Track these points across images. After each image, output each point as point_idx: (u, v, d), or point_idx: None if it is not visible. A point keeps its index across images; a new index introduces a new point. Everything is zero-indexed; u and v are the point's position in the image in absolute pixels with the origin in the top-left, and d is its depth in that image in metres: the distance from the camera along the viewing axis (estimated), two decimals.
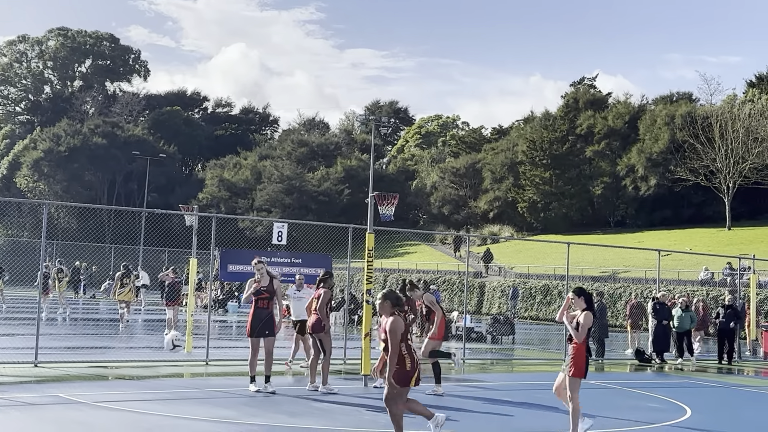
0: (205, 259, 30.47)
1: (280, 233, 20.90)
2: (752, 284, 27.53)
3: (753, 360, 25.87)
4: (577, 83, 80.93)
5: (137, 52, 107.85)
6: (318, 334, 13.74)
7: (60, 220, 75.07)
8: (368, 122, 44.96)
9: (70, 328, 25.31)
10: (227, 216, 32.48)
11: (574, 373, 10.21)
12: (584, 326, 10.25)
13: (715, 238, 53.31)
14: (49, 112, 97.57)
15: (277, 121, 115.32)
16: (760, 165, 54.69)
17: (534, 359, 23.55)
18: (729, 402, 15.70)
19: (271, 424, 10.88)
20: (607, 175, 67.41)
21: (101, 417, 10.90)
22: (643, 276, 41.99)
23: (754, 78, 67.31)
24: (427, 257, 62.69)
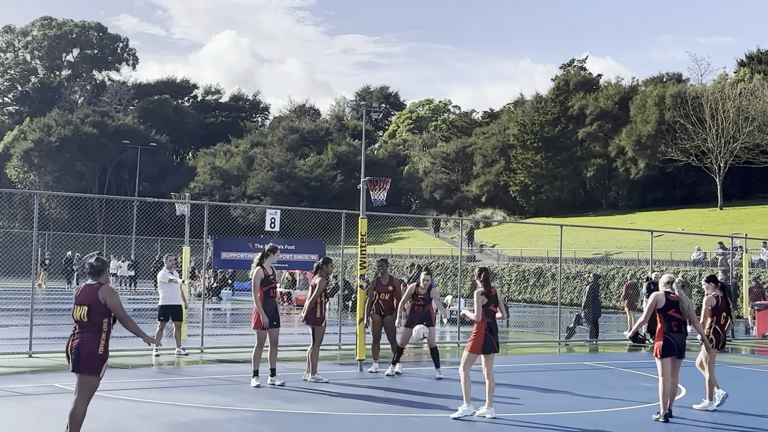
0: (198, 247, 30.44)
1: (273, 220, 20.84)
2: (744, 263, 27.64)
3: (746, 339, 25.99)
4: (567, 65, 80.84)
5: (125, 40, 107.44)
6: (312, 325, 13.60)
7: (51, 211, 74.86)
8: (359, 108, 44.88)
9: (65, 318, 25.26)
10: (219, 204, 32.39)
11: (468, 348, 10.75)
12: (476, 304, 10.75)
13: (707, 218, 53.46)
14: (37, 102, 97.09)
15: (267, 108, 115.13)
16: (751, 144, 54.77)
17: (528, 341, 23.62)
18: (723, 380, 15.76)
19: (267, 410, 10.88)
20: (598, 157, 67.49)
21: (96, 406, 10.87)
22: (636, 257, 42.09)
23: (744, 57, 67.35)
24: (420, 242, 62.75)
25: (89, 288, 8.20)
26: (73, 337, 8.17)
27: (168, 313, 16.48)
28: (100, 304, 8.09)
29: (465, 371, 10.73)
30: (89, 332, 8.08)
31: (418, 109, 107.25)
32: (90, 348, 8.06)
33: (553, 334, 24.11)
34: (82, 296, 8.18)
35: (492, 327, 10.75)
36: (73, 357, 8.09)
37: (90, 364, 8.08)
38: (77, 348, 8.07)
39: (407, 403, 11.72)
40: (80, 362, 8.06)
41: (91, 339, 8.06)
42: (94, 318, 8.08)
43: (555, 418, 10.88)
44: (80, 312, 8.14)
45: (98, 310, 8.09)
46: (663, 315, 11.06)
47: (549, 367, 17.23)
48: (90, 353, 8.05)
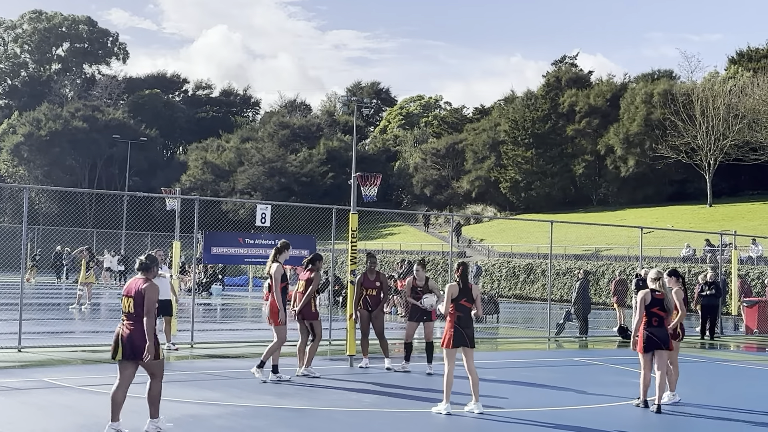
0: (189, 242, 30.41)
1: (264, 215, 20.83)
2: (734, 260, 27.75)
3: (735, 335, 26.12)
4: (559, 62, 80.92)
5: (115, 34, 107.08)
6: (309, 320, 13.62)
7: (41, 205, 74.59)
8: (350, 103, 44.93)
9: (54, 313, 25.21)
10: (210, 199, 32.28)
11: (441, 344, 11.01)
12: (445, 296, 10.92)
13: (697, 215, 53.65)
14: (26, 96, 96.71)
15: (258, 104, 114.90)
16: (741, 141, 54.92)
17: (518, 337, 23.68)
18: (712, 376, 15.85)
19: (258, 405, 10.88)
20: (588, 154, 67.60)
21: (86, 400, 10.87)
22: (625, 253, 42.22)
23: (735, 55, 67.54)
24: (410, 238, 62.76)
25: (136, 282, 8.86)
26: (123, 327, 8.77)
27: (158, 308, 16.45)
28: (141, 296, 8.72)
29: (447, 368, 10.76)
30: (138, 322, 8.70)
31: (409, 105, 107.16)
32: (141, 337, 8.66)
33: (542, 330, 24.16)
34: (129, 289, 8.85)
35: (462, 321, 10.76)
36: (127, 347, 8.69)
37: (141, 353, 8.66)
38: (129, 338, 8.70)
39: (397, 399, 11.74)
40: (135, 351, 8.66)
41: (141, 328, 8.67)
42: (139, 309, 8.71)
43: (543, 413, 10.92)
44: (127, 303, 8.79)
45: (141, 302, 8.72)
46: (646, 311, 11.53)
47: (538, 363, 17.28)
48: (142, 342, 8.64)
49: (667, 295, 11.65)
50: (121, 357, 8.74)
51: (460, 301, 10.81)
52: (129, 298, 8.78)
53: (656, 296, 11.53)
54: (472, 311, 10.92)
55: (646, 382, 11.52)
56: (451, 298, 10.81)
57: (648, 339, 11.43)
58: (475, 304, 10.97)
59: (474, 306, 10.94)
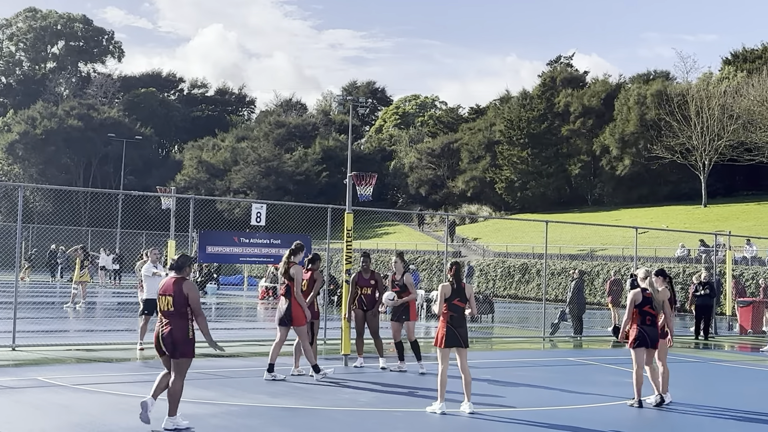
0: (184, 241, 30.38)
1: (259, 214, 20.81)
2: (728, 261, 27.81)
3: (729, 335, 26.17)
4: (554, 62, 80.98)
5: (111, 32, 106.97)
6: (311, 320, 13.64)
7: (36, 204, 74.48)
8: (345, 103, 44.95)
9: (48, 312, 25.17)
10: (205, 198, 32.34)
11: (434, 343, 11.05)
12: (438, 296, 10.93)
13: (692, 215, 53.74)
14: (21, 94, 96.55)
15: (253, 102, 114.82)
16: (736, 142, 55.03)
17: (513, 337, 23.70)
18: (706, 376, 15.89)
19: (252, 405, 10.88)
20: (584, 154, 67.67)
21: (81, 399, 10.86)
22: (620, 253, 42.28)
23: (729, 55, 67.67)
24: (405, 237, 62.76)
25: (173, 281, 9.18)
26: (162, 326, 9.16)
27: (152, 307, 16.42)
28: (182, 295, 9.07)
29: (440, 367, 10.78)
30: (177, 320, 9.11)
31: (404, 105, 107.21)
32: (181, 334, 9.10)
33: (537, 329, 24.19)
34: (167, 288, 9.18)
35: (455, 321, 10.75)
36: (168, 344, 9.11)
37: (184, 348, 9.15)
38: (169, 335, 9.11)
39: (392, 398, 11.75)
40: (176, 348, 9.10)
41: (179, 326, 9.10)
42: (178, 307, 9.09)
43: (538, 413, 10.93)
44: (165, 302, 9.15)
45: (181, 300, 9.08)
46: (639, 310, 11.72)
47: (533, 362, 17.30)
48: (182, 339, 9.11)
49: (655, 294, 11.75)
50: (163, 353, 9.23)
51: (453, 301, 10.80)
52: (168, 296, 9.13)
53: (646, 295, 11.70)
54: (465, 311, 10.91)
55: (640, 380, 11.60)
56: (444, 298, 10.81)
57: (640, 336, 11.60)
58: (469, 304, 10.96)
59: (468, 305, 10.94)
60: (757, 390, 14.26)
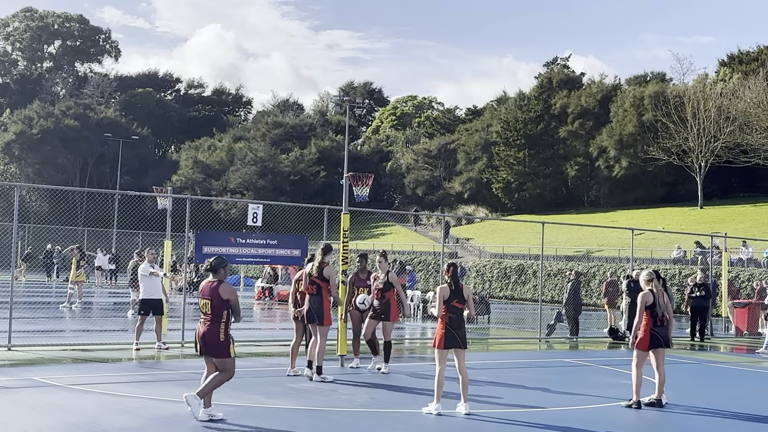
0: (180, 241, 30.35)
1: (255, 215, 20.82)
2: (724, 262, 27.84)
3: (724, 336, 26.20)
4: (551, 63, 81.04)
5: (107, 32, 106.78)
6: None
7: (32, 203, 74.35)
8: (342, 103, 45.04)
9: (44, 311, 25.14)
10: (201, 198, 32.35)
11: (432, 344, 11.08)
12: (437, 298, 10.90)
13: (688, 217, 53.80)
14: (18, 93, 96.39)
15: (250, 103, 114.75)
16: (732, 144, 55.10)
17: (509, 338, 23.71)
18: (701, 378, 15.92)
19: (247, 405, 10.88)
20: (580, 155, 67.74)
21: (76, 399, 10.85)
22: (616, 255, 42.31)
23: (726, 57, 67.77)
24: (402, 238, 62.75)
25: (210, 284, 9.78)
26: (200, 325, 9.80)
27: (148, 307, 16.42)
28: (220, 298, 9.63)
29: (438, 368, 10.78)
30: (212, 322, 9.67)
31: (401, 105, 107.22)
32: (213, 335, 9.66)
33: (533, 331, 24.21)
34: (205, 291, 9.78)
35: (454, 322, 10.75)
36: (201, 344, 9.77)
37: (216, 350, 9.69)
38: (203, 336, 9.73)
39: (388, 399, 11.75)
40: (208, 348, 9.73)
41: (213, 328, 9.67)
42: (215, 310, 9.65)
43: (533, 414, 10.94)
44: (204, 304, 9.76)
45: (218, 303, 9.64)
46: (650, 311, 11.75)
47: (529, 363, 17.32)
48: (213, 340, 9.65)
49: (660, 296, 11.78)
50: (200, 353, 9.85)
51: (451, 303, 10.79)
52: (206, 299, 9.72)
53: (655, 296, 11.78)
54: (464, 312, 10.91)
55: (639, 381, 11.64)
56: (443, 300, 10.81)
57: (653, 338, 11.68)
58: (467, 305, 10.95)
59: (466, 307, 10.94)
60: (753, 391, 14.29)
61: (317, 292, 13.18)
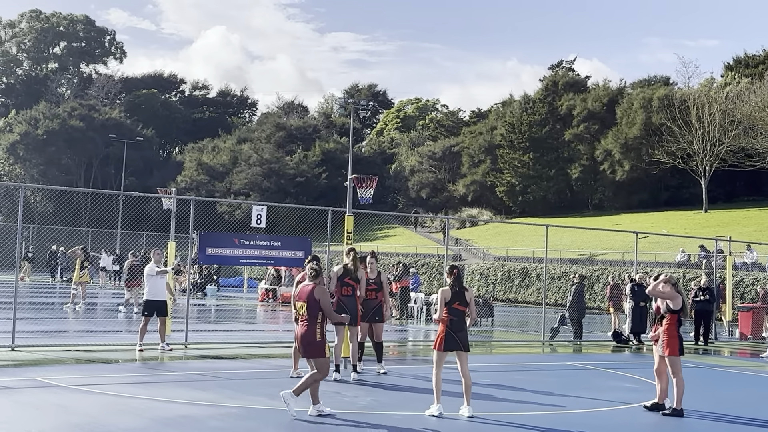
0: (184, 242, 30.37)
1: (259, 216, 20.81)
2: (728, 266, 27.79)
3: (728, 340, 26.14)
4: (556, 66, 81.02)
5: (112, 33, 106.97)
6: None
7: (36, 204, 74.48)
8: (347, 105, 44.80)
9: (48, 312, 25.17)
10: (206, 199, 32.28)
11: (433, 346, 11.08)
12: (438, 300, 11.03)
13: (692, 221, 53.72)
14: (23, 94, 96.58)
15: (255, 104, 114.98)
16: (737, 148, 55.04)
17: (513, 341, 23.67)
18: (705, 382, 15.88)
19: (250, 407, 10.88)
20: (585, 158, 67.68)
21: (80, 400, 10.85)
22: (620, 258, 42.26)
23: (731, 61, 67.70)
24: (406, 240, 62.76)
25: (307, 288, 10.38)
26: (300, 327, 10.36)
27: (153, 308, 16.42)
28: (314, 300, 10.21)
29: (435, 370, 10.78)
30: (308, 323, 10.22)
31: (406, 108, 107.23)
32: (310, 336, 10.21)
33: (537, 334, 24.18)
34: (301, 294, 10.38)
35: (455, 325, 10.72)
36: (301, 345, 10.36)
37: (313, 350, 10.23)
38: (302, 338, 10.30)
39: (391, 401, 11.74)
40: (306, 349, 10.29)
41: (310, 329, 10.22)
42: (310, 311, 10.21)
43: (536, 417, 10.92)
44: (300, 306, 10.36)
45: (313, 305, 10.21)
46: (678, 316, 11.72)
47: (532, 366, 17.29)
48: (311, 341, 10.20)
49: (685, 299, 11.89)
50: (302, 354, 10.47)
51: (453, 305, 10.77)
52: (302, 302, 10.30)
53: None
54: (466, 315, 10.88)
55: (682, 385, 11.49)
56: (445, 302, 10.79)
57: (680, 342, 11.62)
58: (469, 308, 10.92)
59: (468, 309, 10.92)
60: (757, 395, 14.25)
61: (352, 293, 13.61)
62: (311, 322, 10.19)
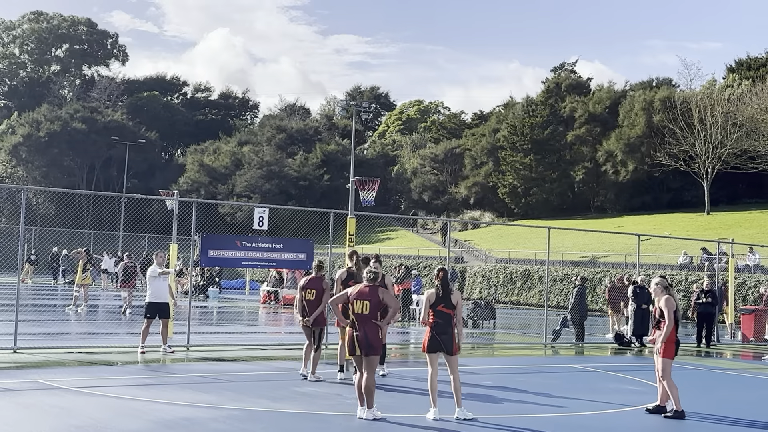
0: (186, 244, 30.38)
1: (261, 218, 20.81)
2: (731, 268, 27.76)
3: (731, 343, 26.12)
4: (558, 68, 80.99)
5: (114, 35, 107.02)
6: (320, 326, 13.73)
7: (38, 206, 74.53)
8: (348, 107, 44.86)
9: (50, 314, 25.20)
10: (208, 201, 32.32)
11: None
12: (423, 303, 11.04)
13: (694, 223, 53.67)
14: (25, 96, 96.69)
15: (257, 107, 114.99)
16: (739, 150, 54.98)
17: (514, 343, 23.67)
18: (707, 384, 15.87)
19: (252, 409, 10.89)
20: (587, 160, 67.64)
21: (82, 402, 10.86)
22: (623, 260, 42.20)
23: (734, 63, 67.66)
24: (408, 242, 62.75)
25: (369, 288, 10.54)
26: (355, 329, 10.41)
27: (155, 311, 16.44)
28: (378, 300, 10.45)
29: (429, 371, 10.78)
30: (370, 324, 10.36)
31: (408, 110, 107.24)
32: (374, 335, 10.34)
33: (539, 336, 24.17)
34: (362, 293, 10.50)
35: (439, 328, 10.67)
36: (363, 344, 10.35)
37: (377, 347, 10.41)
38: (365, 337, 10.34)
39: (391, 404, 11.73)
40: (368, 347, 10.33)
41: (374, 327, 10.36)
42: (374, 311, 10.41)
43: (538, 420, 10.92)
44: (361, 306, 10.42)
45: (376, 305, 10.42)
46: (677, 319, 11.76)
47: (534, 369, 17.28)
48: (375, 338, 10.33)
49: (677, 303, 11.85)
50: (357, 353, 10.41)
51: (437, 307, 10.74)
52: (364, 301, 10.40)
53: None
54: (453, 318, 10.79)
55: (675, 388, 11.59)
56: (429, 304, 10.78)
57: (677, 345, 11.76)
58: (456, 311, 10.78)
59: (454, 313, 10.78)
60: (759, 398, 14.25)
61: None
62: (371, 321, 10.38)
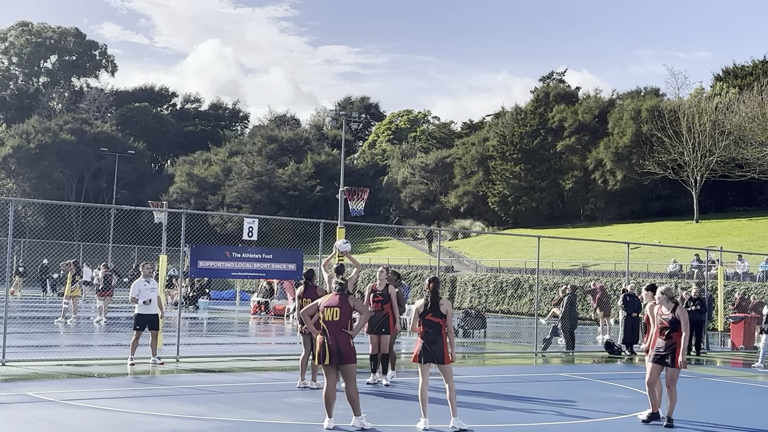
0: (175, 255, 30.31)
1: (251, 229, 20.78)
2: (720, 276, 27.85)
3: (721, 351, 26.17)
4: (547, 78, 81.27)
5: (103, 46, 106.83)
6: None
7: (27, 218, 74.26)
8: (338, 118, 44.92)
9: (39, 326, 25.07)
10: (197, 212, 32.26)
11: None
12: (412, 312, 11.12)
13: (684, 231, 53.85)
14: (14, 108, 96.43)
15: (247, 117, 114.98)
16: (727, 158, 55.24)
17: (505, 352, 23.66)
18: (697, 392, 15.89)
19: (242, 420, 10.85)
20: (576, 169, 67.83)
21: (71, 415, 10.81)
22: (612, 269, 42.29)
23: (721, 72, 68.02)
24: (398, 252, 62.76)
25: (339, 296, 10.51)
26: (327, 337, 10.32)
27: (144, 322, 16.37)
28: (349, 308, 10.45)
29: (420, 381, 10.71)
30: (342, 331, 10.32)
31: (397, 120, 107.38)
32: (345, 343, 10.30)
33: (529, 345, 24.17)
34: (332, 303, 10.44)
35: (429, 337, 10.62)
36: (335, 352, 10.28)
37: (349, 356, 10.32)
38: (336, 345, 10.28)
39: (382, 414, 11.71)
40: (342, 356, 10.28)
41: (345, 336, 10.32)
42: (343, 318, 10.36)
43: (529, 429, 10.91)
44: (331, 313, 10.36)
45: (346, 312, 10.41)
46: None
47: (525, 378, 17.28)
48: (346, 348, 10.29)
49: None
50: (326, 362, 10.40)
51: (426, 317, 10.70)
52: (334, 308, 10.35)
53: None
54: (443, 327, 10.75)
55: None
56: (418, 314, 10.76)
57: None
58: (446, 320, 10.70)
59: (444, 322, 10.71)
60: (749, 405, 14.27)
61: (382, 307, 14.31)
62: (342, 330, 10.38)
